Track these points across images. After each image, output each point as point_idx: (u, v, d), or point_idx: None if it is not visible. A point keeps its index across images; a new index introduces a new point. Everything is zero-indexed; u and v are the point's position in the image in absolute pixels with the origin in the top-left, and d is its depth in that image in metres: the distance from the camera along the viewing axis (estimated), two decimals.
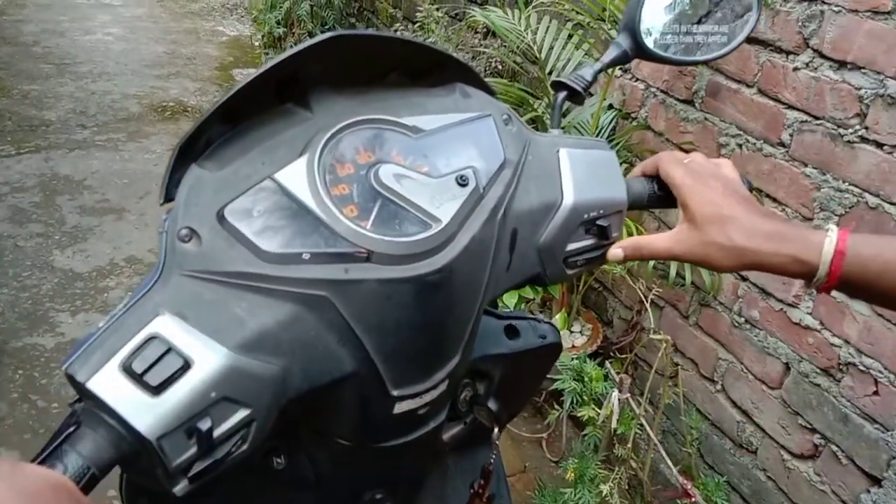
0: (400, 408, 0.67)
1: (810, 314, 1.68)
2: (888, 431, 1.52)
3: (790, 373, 1.76)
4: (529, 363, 0.93)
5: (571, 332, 2.37)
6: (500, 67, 2.95)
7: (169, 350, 0.52)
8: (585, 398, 1.84)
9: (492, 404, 0.85)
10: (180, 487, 0.54)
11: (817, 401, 1.69)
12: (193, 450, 0.52)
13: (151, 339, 0.52)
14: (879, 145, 1.48)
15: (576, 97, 0.87)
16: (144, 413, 0.50)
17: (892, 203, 1.47)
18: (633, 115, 2.22)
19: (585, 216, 0.76)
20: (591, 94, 2.20)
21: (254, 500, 0.75)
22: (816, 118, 1.61)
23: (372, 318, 0.60)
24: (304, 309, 0.58)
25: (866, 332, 1.55)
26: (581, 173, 0.76)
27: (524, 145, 0.74)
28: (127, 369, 0.51)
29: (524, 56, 2.53)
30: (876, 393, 1.54)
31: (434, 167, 0.65)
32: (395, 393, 0.65)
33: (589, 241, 0.78)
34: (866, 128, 1.50)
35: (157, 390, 0.51)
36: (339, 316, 0.59)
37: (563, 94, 0.87)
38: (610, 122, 2.20)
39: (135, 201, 3.57)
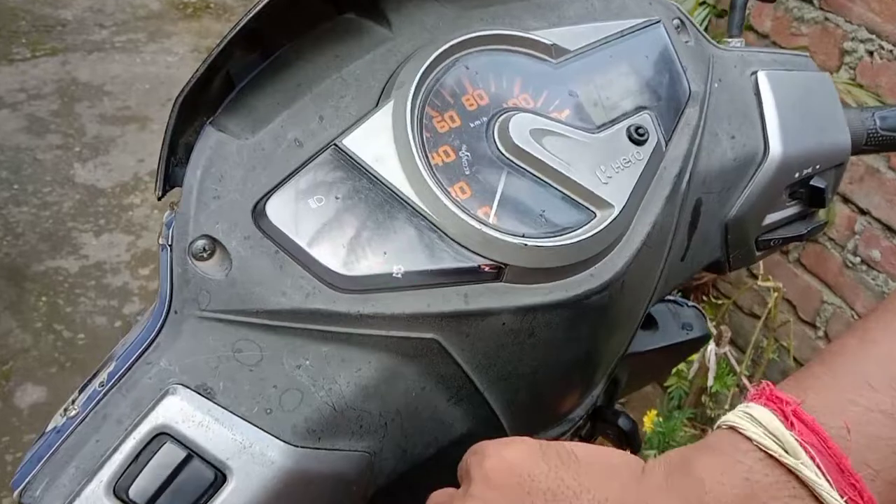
0: None
1: None
2: None
3: None
4: (664, 358, 0.71)
5: None
6: None
7: (189, 457, 0.31)
8: None
9: (623, 422, 0.63)
10: None
11: None
12: None
13: (158, 436, 0.31)
14: None
15: None
16: None
17: None
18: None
19: (797, 174, 0.51)
20: None
21: None
22: None
23: (503, 363, 0.38)
24: (400, 362, 0.36)
25: None
26: (790, 109, 0.50)
27: (707, 67, 0.48)
28: (119, 494, 0.30)
29: None
30: None
31: (587, 113, 0.40)
32: None
33: (793, 210, 0.54)
34: None
35: None
36: (452, 366, 0.37)
37: None
38: (702, 22, 1.87)
39: (157, 108, 3.32)
